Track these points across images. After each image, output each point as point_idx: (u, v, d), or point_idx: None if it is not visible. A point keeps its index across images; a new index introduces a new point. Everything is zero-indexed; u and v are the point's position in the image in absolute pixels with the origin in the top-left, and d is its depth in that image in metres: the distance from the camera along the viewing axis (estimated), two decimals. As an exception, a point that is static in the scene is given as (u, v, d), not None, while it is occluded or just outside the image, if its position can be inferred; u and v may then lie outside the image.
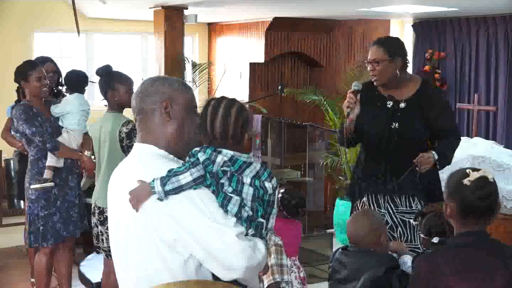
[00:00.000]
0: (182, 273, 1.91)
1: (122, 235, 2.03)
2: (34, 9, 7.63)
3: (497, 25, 7.43)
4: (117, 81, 3.82)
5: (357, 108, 3.39)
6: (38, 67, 4.18)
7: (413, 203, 3.42)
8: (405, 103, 3.43)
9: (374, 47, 3.47)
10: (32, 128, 4.09)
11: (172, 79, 2.12)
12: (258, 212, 1.96)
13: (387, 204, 3.46)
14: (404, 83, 3.47)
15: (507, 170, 4.21)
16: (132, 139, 3.66)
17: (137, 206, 1.91)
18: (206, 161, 1.92)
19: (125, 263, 2.03)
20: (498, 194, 2.27)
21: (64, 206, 4.24)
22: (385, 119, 3.41)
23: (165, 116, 2.03)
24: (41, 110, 4.20)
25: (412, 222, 3.35)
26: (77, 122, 4.23)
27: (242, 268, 1.87)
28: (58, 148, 4.12)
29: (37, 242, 4.22)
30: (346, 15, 7.95)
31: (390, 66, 3.39)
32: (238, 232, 1.87)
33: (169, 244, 1.90)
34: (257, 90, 8.32)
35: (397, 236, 3.41)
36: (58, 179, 4.21)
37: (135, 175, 1.96)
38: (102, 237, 3.84)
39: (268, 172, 2.00)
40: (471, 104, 7.14)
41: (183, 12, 6.93)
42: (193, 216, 1.87)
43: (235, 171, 1.94)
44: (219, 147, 1.96)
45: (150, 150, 2.04)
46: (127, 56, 8.76)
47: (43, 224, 4.18)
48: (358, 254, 2.77)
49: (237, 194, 1.93)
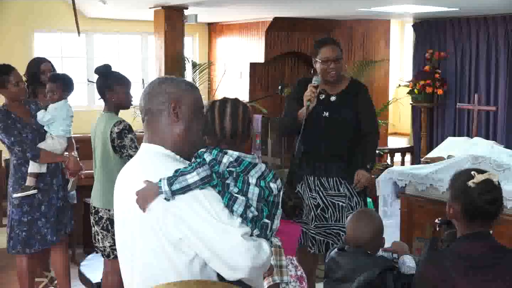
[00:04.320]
0: (187, 272, 1.92)
1: (128, 235, 2.03)
2: (34, 9, 7.64)
3: (497, 25, 7.43)
4: (115, 81, 3.79)
5: (315, 101, 3.81)
6: (12, 71, 4.03)
7: (341, 186, 3.90)
8: (335, 97, 3.93)
9: (332, 47, 3.94)
10: (11, 138, 3.97)
11: (179, 79, 2.12)
12: (263, 213, 1.97)
13: (318, 187, 3.92)
14: (339, 80, 3.97)
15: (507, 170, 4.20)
16: (123, 139, 3.64)
17: (144, 206, 1.92)
18: (212, 161, 1.93)
19: (131, 263, 2.04)
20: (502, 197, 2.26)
21: (50, 211, 4.14)
22: (317, 108, 3.84)
23: (173, 116, 2.03)
24: (21, 114, 4.07)
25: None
26: (63, 129, 4.15)
27: (247, 268, 1.88)
28: (39, 156, 4.00)
29: (16, 248, 4.11)
30: (346, 15, 7.95)
31: (342, 64, 3.96)
32: (243, 232, 1.88)
33: (175, 244, 1.90)
34: (257, 90, 8.33)
35: (328, 216, 3.91)
36: (42, 184, 4.10)
37: (141, 175, 1.96)
38: (98, 236, 3.83)
39: (273, 173, 2.02)
40: (471, 104, 7.13)
41: (183, 12, 6.93)
42: (199, 216, 1.88)
43: (241, 172, 1.95)
44: (226, 147, 1.98)
45: (157, 150, 2.04)
46: (127, 56, 8.76)
47: (26, 230, 4.07)
48: (354, 255, 2.76)
49: (243, 194, 1.94)
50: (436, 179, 4.23)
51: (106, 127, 3.71)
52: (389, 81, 9.23)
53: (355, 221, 2.87)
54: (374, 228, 2.79)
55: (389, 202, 4.83)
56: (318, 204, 3.92)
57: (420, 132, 8.22)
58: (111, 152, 3.70)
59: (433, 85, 7.78)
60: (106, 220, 3.76)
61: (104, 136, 3.71)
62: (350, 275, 2.66)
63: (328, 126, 3.88)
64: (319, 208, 3.91)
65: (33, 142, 4.04)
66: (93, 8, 7.37)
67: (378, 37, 9.02)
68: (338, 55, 3.89)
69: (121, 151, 3.65)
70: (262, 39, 8.02)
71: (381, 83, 8.95)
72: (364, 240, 2.76)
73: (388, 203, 4.83)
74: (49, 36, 8.12)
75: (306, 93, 3.80)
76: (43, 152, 4.05)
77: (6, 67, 4.09)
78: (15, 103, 4.07)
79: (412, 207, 4.46)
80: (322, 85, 3.90)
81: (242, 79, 8.41)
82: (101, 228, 3.78)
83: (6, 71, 4.02)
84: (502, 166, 4.19)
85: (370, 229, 2.78)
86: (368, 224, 2.81)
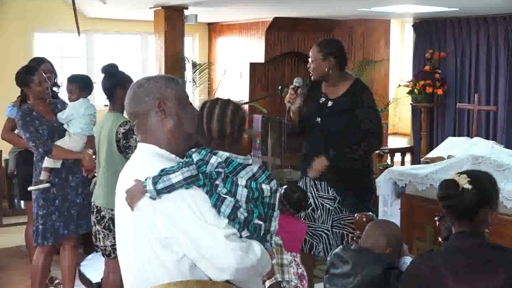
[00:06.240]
0: (176, 271, 1.93)
1: (123, 234, 2.06)
2: (34, 9, 7.63)
3: (497, 25, 7.43)
4: (126, 80, 3.78)
5: (298, 102, 3.85)
6: (37, 72, 4.21)
7: (331, 190, 3.90)
8: (332, 101, 3.87)
9: (315, 47, 3.89)
10: (26, 134, 4.15)
11: (157, 77, 2.16)
12: (253, 214, 1.96)
13: (311, 188, 3.96)
14: (338, 82, 3.88)
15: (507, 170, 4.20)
16: (129, 140, 3.64)
17: (131, 205, 1.95)
18: (199, 162, 1.94)
19: (126, 262, 2.07)
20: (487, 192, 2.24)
21: (64, 205, 4.24)
22: (314, 113, 3.88)
23: (160, 114, 2.06)
24: (44, 113, 4.23)
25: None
26: (81, 127, 4.23)
27: (232, 268, 1.88)
28: (51, 151, 4.12)
29: (37, 241, 4.26)
30: (346, 15, 7.95)
31: (322, 64, 3.82)
32: (228, 233, 1.88)
33: (163, 243, 1.92)
34: (257, 90, 8.33)
35: (316, 217, 3.94)
36: (57, 179, 4.22)
37: (132, 175, 1.99)
38: (99, 236, 3.84)
39: (267, 174, 2.01)
40: (471, 104, 7.14)
41: (183, 12, 6.93)
42: (185, 216, 1.89)
43: (229, 173, 1.95)
44: (217, 148, 1.98)
45: (151, 150, 2.06)
46: (127, 56, 8.76)
47: (42, 223, 4.21)
48: (358, 252, 2.75)
49: (232, 195, 1.94)
50: (436, 179, 4.23)
51: (112, 127, 3.71)
52: (389, 81, 9.23)
53: (371, 230, 2.82)
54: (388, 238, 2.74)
55: (389, 202, 4.83)
56: (310, 203, 3.94)
57: (420, 132, 8.22)
58: (116, 152, 3.70)
59: (433, 85, 7.78)
60: (108, 219, 3.76)
61: (110, 136, 3.71)
62: (353, 271, 2.66)
63: (321, 131, 3.88)
64: (310, 208, 3.95)
65: (48, 139, 4.17)
66: (93, 8, 7.37)
67: (378, 37, 9.02)
68: (317, 56, 3.84)
69: (126, 151, 3.64)
70: (262, 39, 8.03)
71: (381, 83, 8.95)
72: (379, 249, 2.72)
73: (388, 203, 4.83)
74: (49, 36, 8.12)
75: (287, 95, 3.88)
76: (57, 148, 4.16)
77: (30, 68, 4.32)
78: (39, 102, 4.23)
79: (412, 207, 4.47)
80: (326, 87, 3.92)
81: (242, 79, 8.41)
82: (103, 227, 3.79)
83: (30, 71, 4.21)
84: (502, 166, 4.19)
85: (385, 240, 2.73)
86: (382, 233, 2.76)
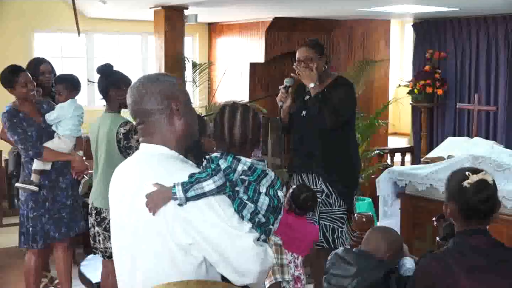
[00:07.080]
0: (194, 277, 1.89)
1: (128, 239, 2.00)
2: (34, 9, 7.63)
3: (497, 25, 7.43)
4: (122, 81, 3.76)
5: (288, 101, 4.00)
6: (21, 72, 4.10)
7: (318, 182, 4.03)
8: (315, 95, 3.99)
9: (305, 48, 4.01)
10: (15, 136, 4.08)
11: (161, 77, 2.08)
12: (269, 220, 1.97)
13: (298, 182, 4.08)
14: (324, 80, 4.03)
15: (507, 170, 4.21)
16: (129, 140, 3.63)
17: (154, 210, 1.89)
18: (227, 169, 1.92)
19: (131, 267, 2.00)
20: (497, 195, 2.28)
21: (54, 207, 4.21)
22: (301, 107, 4.04)
23: (176, 115, 2.01)
24: (30, 114, 4.15)
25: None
26: (70, 128, 4.18)
27: (256, 273, 1.88)
28: (41, 154, 4.07)
29: (26, 243, 4.20)
30: (346, 15, 7.95)
31: (320, 63, 3.99)
32: (254, 238, 1.88)
33: (184, 249, 1.88)
34: (257, 90, 8.32)
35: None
36: (47, 181, 4.18)
37: (149, 178, 1.92)
38: (99, 237, 3.82)
39: (280, 181, 2.02)
40: (471, 104, 7.14)
41: (183, 12, 6.92)
42: (210, 221, 1.86)
43: (253, 181, 1.95)
44: (237, 153, 1.97)
45: (160, 151, 2.01)
46: (127, 56, 8.76)
47: (32, 226, 4.16)
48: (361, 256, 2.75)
49: (252, 202, 1.94)
50: (436, 179, 4.24)
51: (111, 127, 3.69)
52: (389, 81, 9.22)
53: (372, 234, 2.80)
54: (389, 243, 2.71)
55: (389, 202, 4.84)
56: (318, 203, 3.95)
57: (420, 132, 8.22)
58: (117, 152, 3.68)
59: (433, 85, 7.77)
60: (109, 221, 3.74)
61: (110, 137, 3.68)
62: (354, 273, 2.65)
63: (306, 124, 4.04)
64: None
65: (37, 141, 4.09)
66: (93, 8, 7.36)
67: (378, 37, 9.02)
68: (308, 57, 3.96)
69: (127, 151, 3.62)
70: (262, 39, 8.02)
71: (381, 83, 8.94)
72: (380, 253, 2.69)
73: (388, 203, 4.84)
74: (49, 36, 8.12)
75: (278, 95, 4.02)
76: (47, 150, 4.10)
77: (16, 68, 4.17)
78: (25, 103, 4.15)
79: (412, 207, 4.47)
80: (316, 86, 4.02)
81: (242, 79, 8.40)
82: (103, 229, 3.76)
83: (15, 72, 4.10)
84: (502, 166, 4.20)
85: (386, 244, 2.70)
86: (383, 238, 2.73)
